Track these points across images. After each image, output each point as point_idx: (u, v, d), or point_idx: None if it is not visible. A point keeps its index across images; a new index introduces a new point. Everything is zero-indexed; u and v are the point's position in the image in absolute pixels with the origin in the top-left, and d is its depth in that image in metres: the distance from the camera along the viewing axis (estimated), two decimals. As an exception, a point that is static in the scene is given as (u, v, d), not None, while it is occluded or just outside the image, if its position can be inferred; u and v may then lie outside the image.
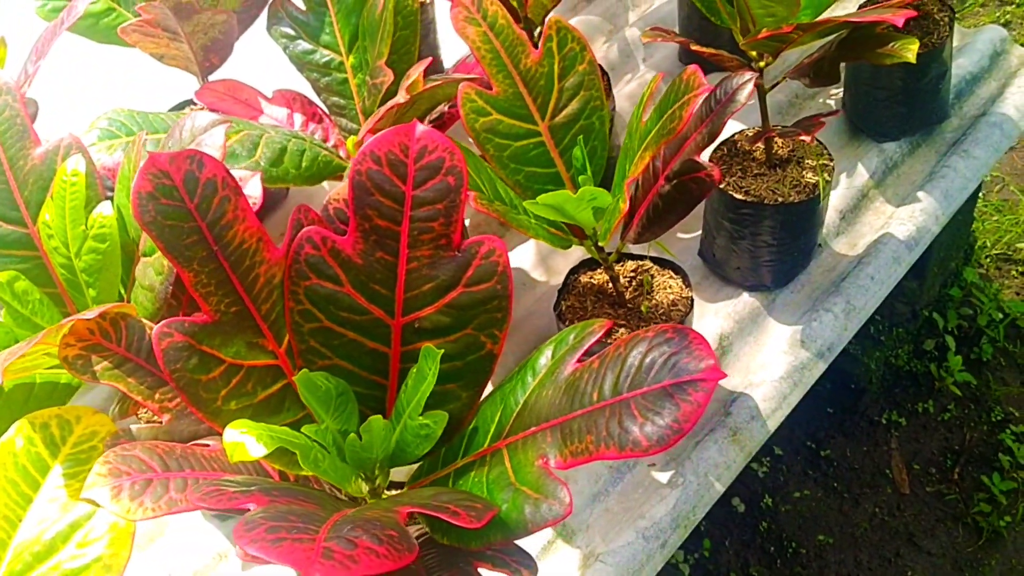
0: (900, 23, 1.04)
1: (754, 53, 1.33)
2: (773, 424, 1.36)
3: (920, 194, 1.60)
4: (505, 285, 0.89)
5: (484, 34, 1.13)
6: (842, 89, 1.72)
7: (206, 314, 0.86)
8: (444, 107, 1.35)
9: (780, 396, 1.38)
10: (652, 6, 2.00)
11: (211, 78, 1.57)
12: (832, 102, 1.76)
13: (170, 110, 1.65)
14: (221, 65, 1.57)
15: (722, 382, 1.41)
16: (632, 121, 1.12)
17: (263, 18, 1.45)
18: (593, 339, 0.87)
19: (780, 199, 1.38)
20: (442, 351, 0.85)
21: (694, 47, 1.19)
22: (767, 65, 1.32)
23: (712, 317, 1.48)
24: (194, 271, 0.84)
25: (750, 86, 1.07)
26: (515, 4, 1.50)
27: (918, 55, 1.53)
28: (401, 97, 1.05)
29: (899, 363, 2.12)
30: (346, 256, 0.89)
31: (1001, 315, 2.19)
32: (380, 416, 0.86)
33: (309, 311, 0.90)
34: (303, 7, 1.40)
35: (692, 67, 1.00)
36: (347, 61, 1.37)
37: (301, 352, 0.91)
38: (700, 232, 1.55)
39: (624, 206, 1.02)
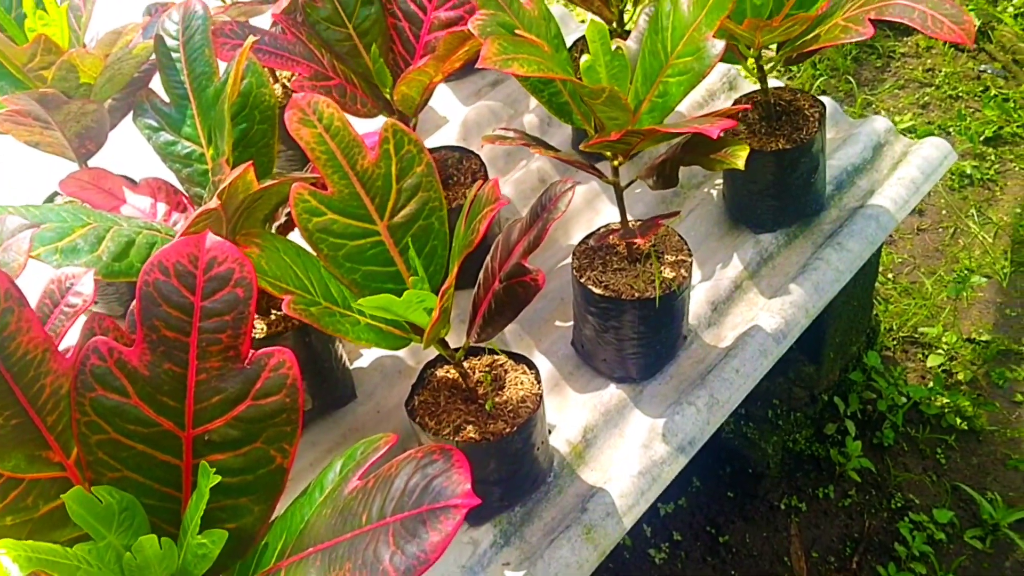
0: (715, 135, 1.06)
1: (608, 152, 1.35)
2: (629, 521, 1.35)
3: (792, 286, 1.61)
4: (294, 398, 0.89)
5: (319, 136, 1.14)
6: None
7: (-18, 427, 0.85)
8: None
9: (638, 492, 1.37)
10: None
11: (90, 163, 1.58)
12: (715, 192, 1.79)
13: (44, 200, 1.65)
14: (98, 151, 1.58)
15: (582, 476, 1.40)
16: (458, 227, 1.13)
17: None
18: (377, 455, 0.86)
19: (637, 294, 1.39)
20: (216, 471, 0.84)
21: (534, 149, 1.21)
22: (620, 164, 1.34)
23: (579, 409, 1.48)
24: (-32, 384, 0.83)
25: (570, 195, 1.08)
26: (387, 96, 1.52)
27: (787, 150, 1.56)
28: (213, 202, 1.05)
29: (799, 448, 2.12)
30: (133, 367, 0.89)
31: (904, 399, 2.20)
32: (154, 536, 0.84)
33: (95, 423, 0.89)
34: (167, 99, 1.41)
35: (493, 181, 1.01)
36: (207, 153, 1.38)
37: (89, 464, 0.90)
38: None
39: (435, 314, 1.02)
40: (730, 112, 1.17)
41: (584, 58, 1.32)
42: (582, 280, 1.42)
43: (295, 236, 1.22)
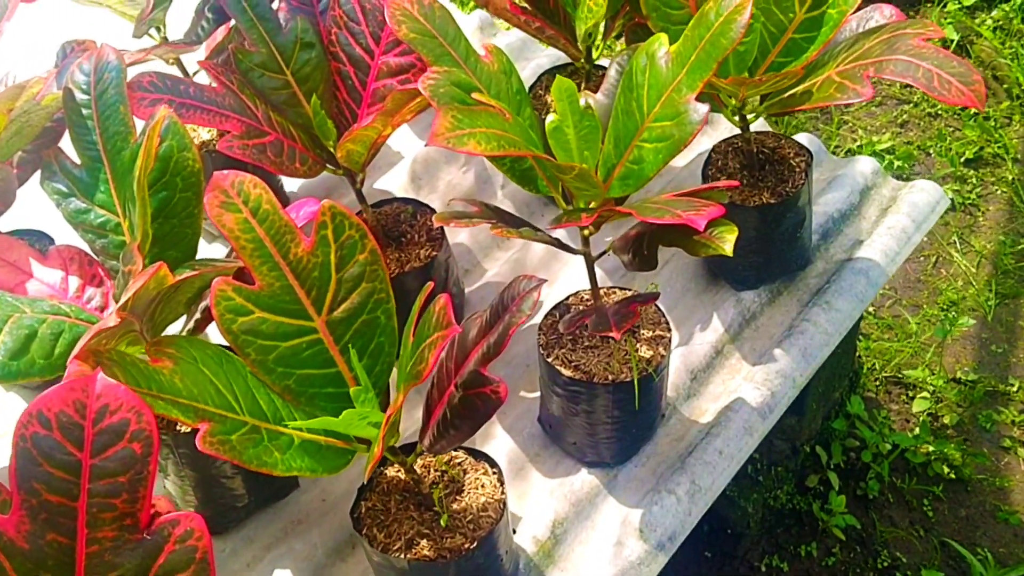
0: (702, 226, 0.92)
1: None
2: (603, 632, 1.22)
3: (777, 351, 1.48)
4: (206, 573, 0.74)
5: (245, 222, 0.98)
6: (701, 231, 1.60)
7: None
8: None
9: (613, 599, 1.23)
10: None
11: (-2, 224, 1.41)
12: (692, 242, 1.65)
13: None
14: (6, 210, 1.41)
15: (551, 581, 1.26)
16: (405, 338, 0.98)
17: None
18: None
19: (611, 376, 1.25)
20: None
21: (497, 231, 1.06)
22: (590, 234, 1.19)
23: (547, 497, 1.34)
24: None
25: (536, 295, 0.94)
26: (331, 149, 1.36)
27: (772, 205, 1.42)
28: (111, 319, 0.89)
29: (780, 503, 1.99)
30: (9, 539, 0.73)
31: (888, 446, 2.08)
32: None
33: (-38, 607, 0.73)
34: (78, 161, 1.24)
35: (443, 298, 0.86)
36: (124, 223, 1.22)
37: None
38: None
39: (383, 430, 0.87)
40: (716, 194, 1.03)
41: (550, 118, 1.17)
42: (549, 359, 1.28)
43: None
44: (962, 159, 2.68)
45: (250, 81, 1.31)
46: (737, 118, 1.41)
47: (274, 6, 1.42)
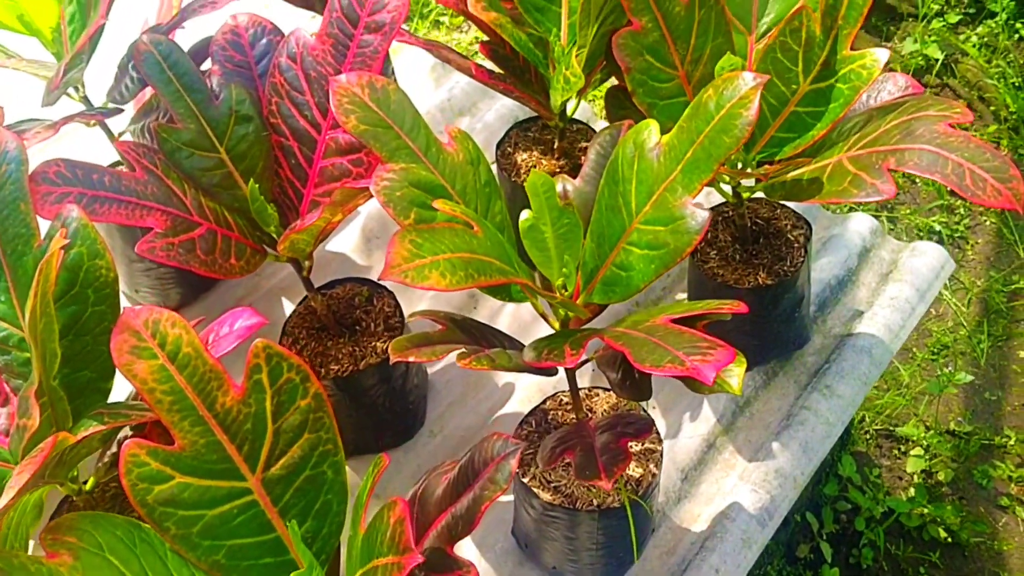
0: (710, 379, 0.77)
1: (556, 324, 1.06)
2: None
3: (775, 445, 1.34)
4: None
5: (162, 370, 0.82)
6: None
7: None
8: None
9: None
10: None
11: None
12: (678, 316, 1.50)
13: None
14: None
15: None
16: (355, 515, 0.82)
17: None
18: None
19: (597, 501, 1.10)
20: None
21: (460, 360, 0.90)
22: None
23: (523, 627, 1.19)
24: None
25: (512, 464, 0.78)
26: (274, 235, 1.20)
27: (768, 287, 1.28)
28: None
29: (769, 578, 1.86)
30: None
31: (882, 510, 1.95)
32: None
33: None
34: (-25, 265, 1.06)
35: (400, 508, 0.70)
36: (28, 338, 1.04)
37: None
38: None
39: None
40: (720, 317, 0.88)
41: (525, 215, 1.01)
42: (525, 479, 1.12)
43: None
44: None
45: (176, 162, 1.14)
46: (730, 190, 1.26)
47: (204, 66, 1.25)
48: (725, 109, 0.93)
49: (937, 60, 2.77)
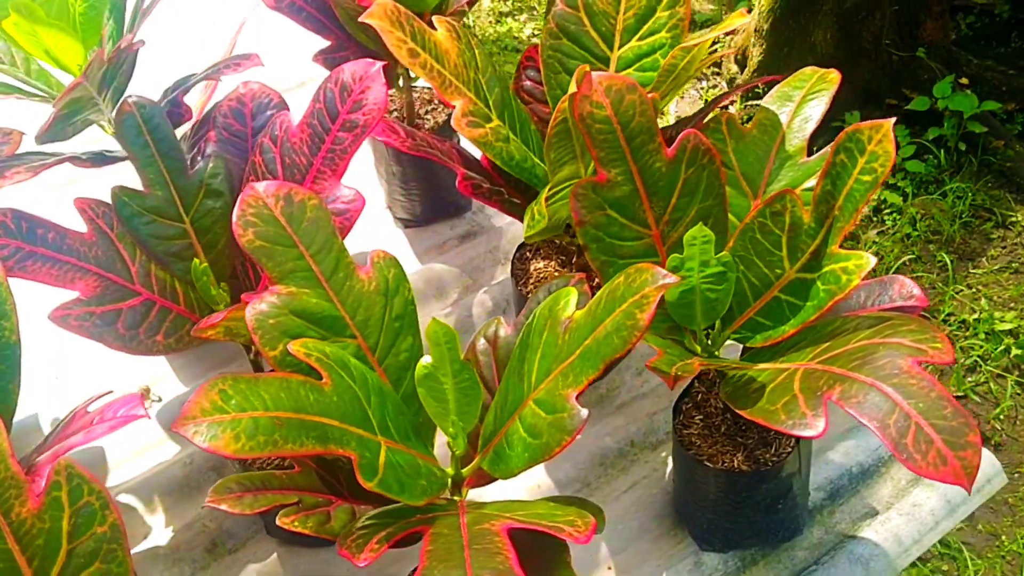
0: None
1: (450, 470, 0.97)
2: None
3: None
4: None
5: (-38, 467, 0.79)
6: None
7: None
8: None
9: None
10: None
11: None
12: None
13: None
14: None
15: None
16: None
17: None
18: None
19: None
20: None
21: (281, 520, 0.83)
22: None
23: None
24: None
25: None
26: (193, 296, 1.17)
27: (742, 474, 1.15)
28: None
29: None
30: None
31: None
32: None
33: None
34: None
35: None
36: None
37: None
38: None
39: None
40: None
41: (426, 359, 0.93)
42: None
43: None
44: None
45: (133, 228, 1.13)
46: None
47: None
48: (626, 303, 0.81)
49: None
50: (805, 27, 2.64)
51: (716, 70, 3.19)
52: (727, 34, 3.17)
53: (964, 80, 2.76)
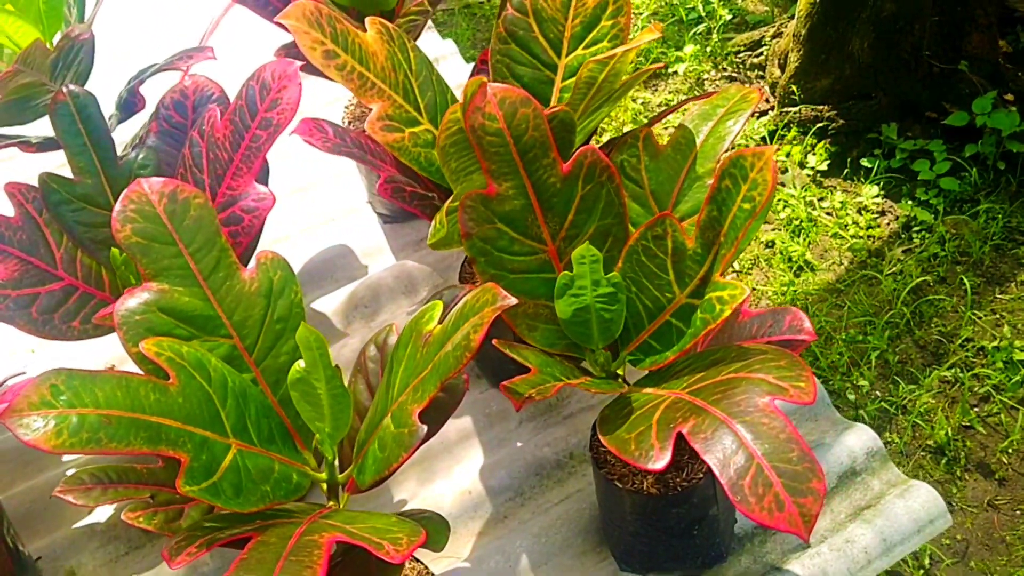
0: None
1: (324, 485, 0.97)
2: None
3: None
4: None
5: None
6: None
7: None
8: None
9: None
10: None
11: None
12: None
13: None
14: None
15: None
16: None
17: None
18: None
19: None
20: None
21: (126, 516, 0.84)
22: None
23: None
24: None
25: None
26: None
27: (651, 496, 1.13)
28: None
29: None
30: None
31: None
32: None
33: None
34: None
35: None
36: None
37: None
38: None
39: None
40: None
41: (300, 363, 0.93)
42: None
43: None
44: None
45: (59, 215, 1.15)
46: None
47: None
48: (467, 323, 0.80)
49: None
50: (843, 34, 2.56)
51: (760, 74, 3.12)
52: (773, 37, 3.10)
53: (1009, 96, 2.64)
